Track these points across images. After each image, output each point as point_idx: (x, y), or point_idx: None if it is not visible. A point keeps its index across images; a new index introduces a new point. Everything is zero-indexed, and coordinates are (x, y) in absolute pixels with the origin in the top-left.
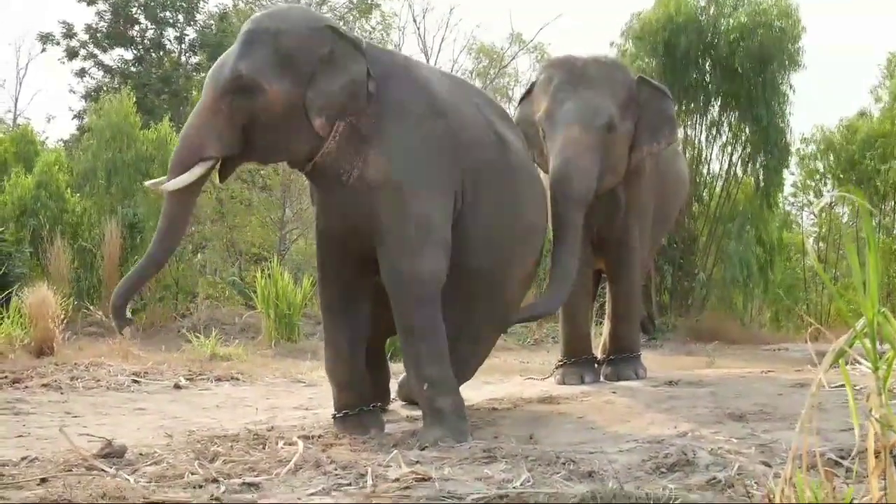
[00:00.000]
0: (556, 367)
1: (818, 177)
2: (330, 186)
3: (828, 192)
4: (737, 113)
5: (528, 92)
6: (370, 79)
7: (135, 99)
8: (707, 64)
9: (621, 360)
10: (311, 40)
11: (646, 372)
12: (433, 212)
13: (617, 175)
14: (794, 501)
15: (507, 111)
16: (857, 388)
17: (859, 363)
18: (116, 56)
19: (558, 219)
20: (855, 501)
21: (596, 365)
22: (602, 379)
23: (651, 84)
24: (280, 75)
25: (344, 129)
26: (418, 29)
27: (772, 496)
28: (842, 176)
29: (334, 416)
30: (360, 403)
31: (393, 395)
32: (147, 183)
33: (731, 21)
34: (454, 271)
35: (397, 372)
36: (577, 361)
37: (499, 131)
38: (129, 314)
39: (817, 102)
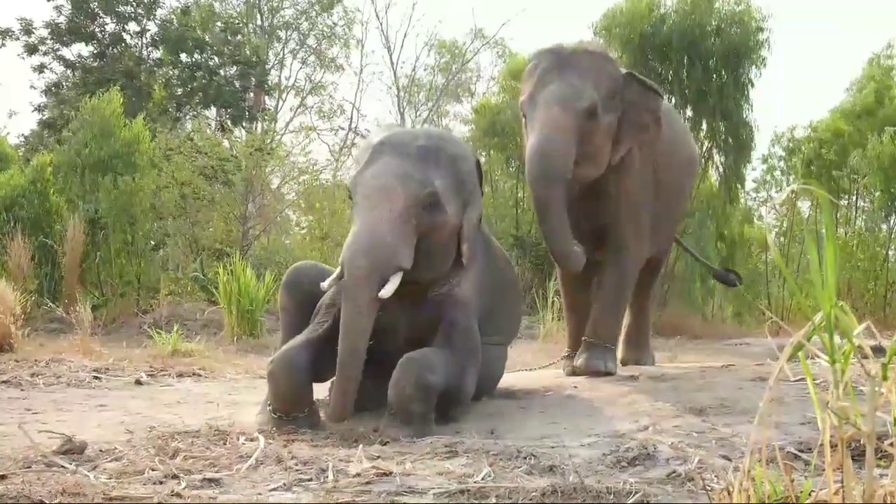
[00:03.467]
0: (562, 359)
1: (779, 172)
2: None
3: (788, 186)
4: (705, 109)
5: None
6: None
7: (122, 100)
8: (676, 59)
9: (595, 346)
10: (474, 171)
11: (616, 367)
12: None
13: (597, 167)
14: (752, 495)
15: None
16: (816, 381)
17: (818, 357)
18: (76, 51)
19: (539, 198)
20: (812, 494)
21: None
22: (575, 364)
23: (640, 81)
24: (453, 199)
25: None
26: (381, 24)
27: (731, 489)
28: (802, 171)
29: None
30: None
31: None
32: (323, 285)
33: (702, 17)
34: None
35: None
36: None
37: None
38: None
39: (783, 101)
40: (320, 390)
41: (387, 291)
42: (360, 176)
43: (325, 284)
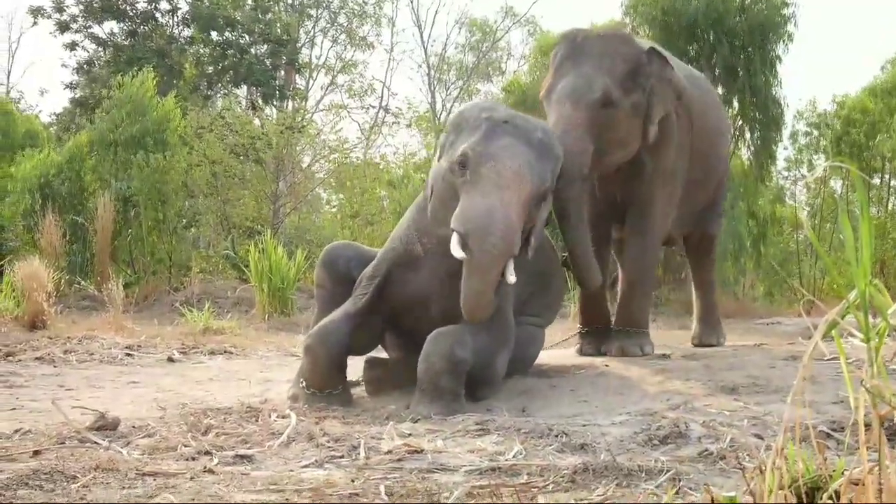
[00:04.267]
0: (577, 336)
1: (811, 150)
2: None
3: (820, 164)
4: (733, 86)
5: None
6: None
7: (155, 77)
8: (709, 35)
9: (627, 333)
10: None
11: (653, 348)
12: None
13: (628, 149)
14: (784, 473)
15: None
16: (850, 360)
17: (852, 335)
18: (108, 29)
19: (557, 198)
20: (845, 473)
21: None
22: (608, 352)
23: (658, 53)
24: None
25: None
26: (412, 2)
27: (763, 468)
28: (832, 150)
29: None
30: None
31: None
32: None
33: None
34: None
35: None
36: (594, 330)
37: None
38: None
39: (819, 80)
40: (353, 373)
41: (511, 279)
42: (486, 147)
43: (454, 250)
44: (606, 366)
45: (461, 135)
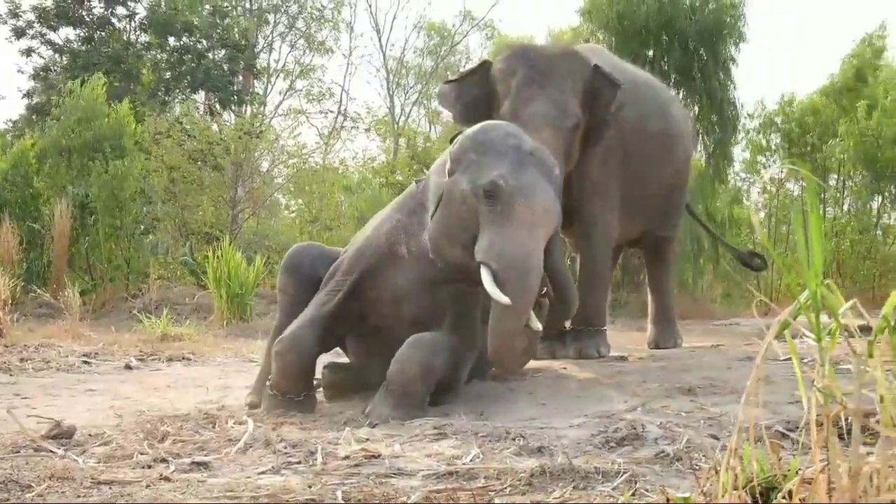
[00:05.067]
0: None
1: (768, 152)
2: None
3: (776, 165)
4: (689, 88)
5: (473, 72)
6: None
7: (105, 83)
8: (662, 38)
9: (585, 333)
10: None
11: (608, 349)
12: None
13: (571, 163)
14: (739, 473)
15: None
16: (803, 360)
17: (806, 336)
18: (64, 35)
19: None
20: (799, 472)
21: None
22: (565, 354)
23: (603, 74)
24: None
25: None
26: (370, 6)
27: (718, 469)
28: (786, 151)
29: None
30: None
31: None
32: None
33: None
34: None
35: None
36: (548, 336)
37: None
38: None
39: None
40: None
41: (538, 326)
42: (518, 181)
43: (491, 290)
44: (564, 369)
45: (486, 157)
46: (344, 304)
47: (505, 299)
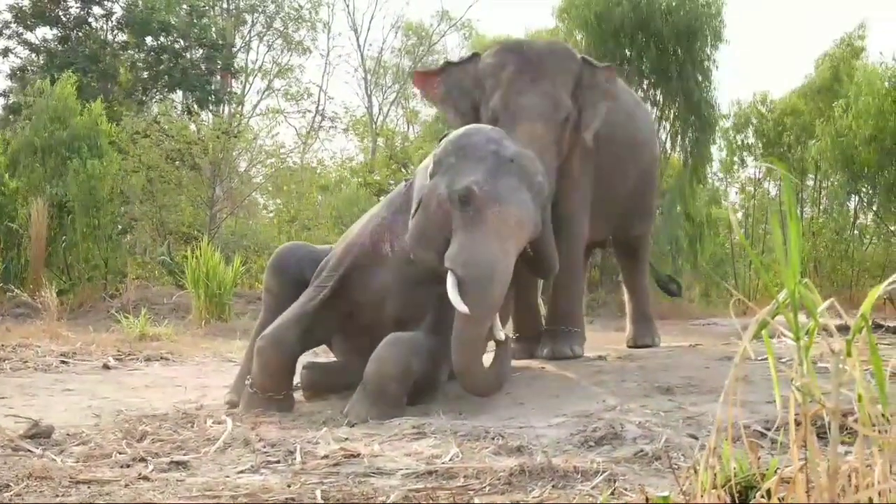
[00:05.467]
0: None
1: (744, 151)
2: None
3: (753, 163)
4: (667, 88)
5: (464, 61)
6: None
7: (76, 82)
8: (639, 39)
9: (559, 333)
10: None
11: (583, 350)
12: None
13: (561, 157)
14: (718, 473)
15: None
16: (781, 359)
17: (784, 335)
18: (41, 35)
19: None
20: (778, 472)
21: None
22: (540, 354)
23: (592, 64)
24: None
25: None
26: (347, 6)
27: (697, 468)
28: (763, 151)
29: None
30: None
31: None
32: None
33: None
34: None
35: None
36: (526, 336)
37: None
38: None
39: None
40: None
41: (501, 335)
42: (492, 187)
43: (453, 298)
44: (543, 368)
45: (465, 161)
46: (329, 302)
47: (464, 308)
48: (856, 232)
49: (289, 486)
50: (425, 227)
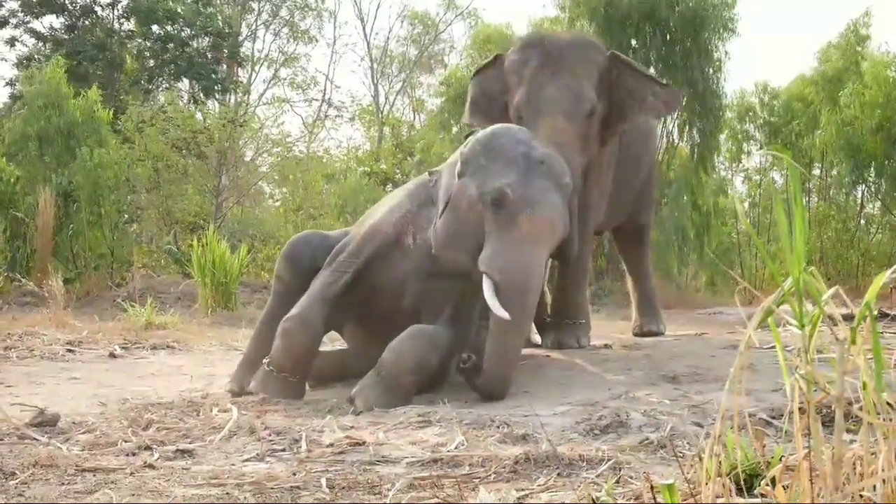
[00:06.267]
0: None
1: (750, 141)
2: None
3: (758, 152)
4: (673, 78)
5: (487, 66)
6: None
7: (66, 67)
8: (645, 28)
9: (565, 326)
10: None
11: (589, 341)
12: None
13: (590, 154)
14: (723, 461)
15: None
16: (787, 348)
17: (789, 323)
18: (47, 24)
19: None
20: (783, 459)
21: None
22: (545, 344)
23: (623, 61)
24: None
25: None
26: None
27: (702, 456)
28: (767, 140)
29: None
30: None
31: None
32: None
33: None
34: None
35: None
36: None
37: None
38: None
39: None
40: None
41: (538, 339)
42: (525, 191)
43: (493, 304)
44: (548, 356)
45: (495, 163)
46: (349, 289)
47: (506, 314)
48: (862, 221)
49: (294, 475)
50: (455, 228)
